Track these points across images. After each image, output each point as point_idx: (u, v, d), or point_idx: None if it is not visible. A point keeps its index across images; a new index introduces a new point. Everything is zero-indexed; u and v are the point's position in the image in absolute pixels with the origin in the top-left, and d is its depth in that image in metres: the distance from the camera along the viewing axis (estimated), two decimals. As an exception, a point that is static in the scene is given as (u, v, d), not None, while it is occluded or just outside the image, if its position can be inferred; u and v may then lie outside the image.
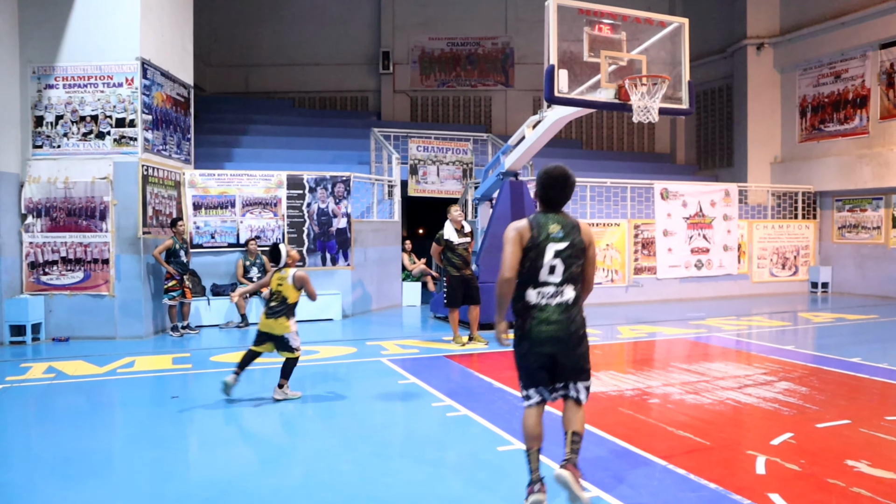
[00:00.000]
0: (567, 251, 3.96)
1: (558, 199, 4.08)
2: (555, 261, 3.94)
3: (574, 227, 4.02)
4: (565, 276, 3.96)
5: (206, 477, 4.87)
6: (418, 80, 22.19)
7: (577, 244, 3.97)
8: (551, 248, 3.94)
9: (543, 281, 3.96)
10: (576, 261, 3.97)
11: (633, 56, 9.15)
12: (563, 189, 4.06)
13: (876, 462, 4.89)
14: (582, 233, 4.00)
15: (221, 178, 12.16)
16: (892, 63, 15.80)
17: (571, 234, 3.98)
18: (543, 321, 3.94)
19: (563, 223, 4.00)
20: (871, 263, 16.46)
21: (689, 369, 8.15)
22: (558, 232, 3.96)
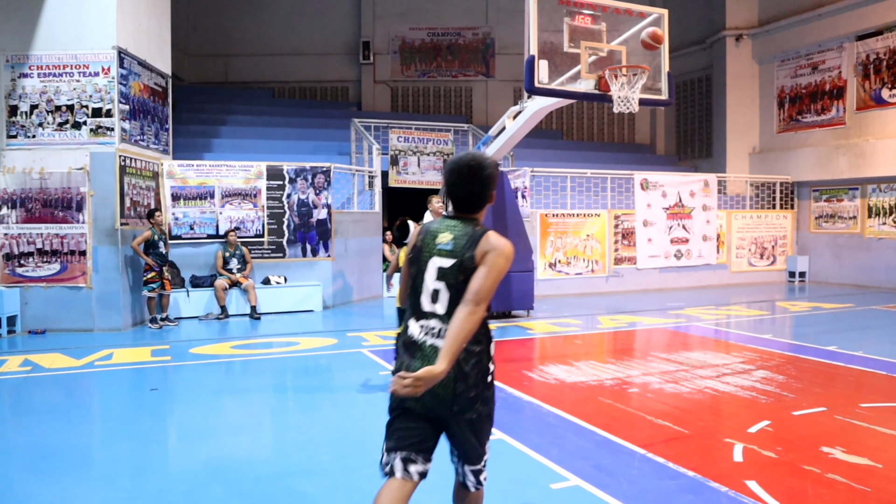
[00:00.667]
0: (452, 271, 2.81)
1: (462, 196, 2.94)
2: (438, 283, 2.83)
3: (471, 239, 2.82)
4: (451, 306, 2.79)
5: (185, 469, 4.85)
6: (399, 70, 22.11)
7: (466, 263, 2.79)
8: (434, 264, 2.86)
9: (427, 311, 2.86)
10: (466, 287, 2.76)
11: (613, 47, 9.17)
12: (468, 184, 2.92)
13: (850, 448, 4.96)
14: (478, 249, 2.79)
15: (200, 168, 12.05)
16: (867, 55, 15.95)
17: (464, 248, 2.81)
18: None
19: (458, 232, 2.87)
20: (848, 253, 16.66)
21: (668, 358, 8.21)
22: (447, 243, 2.85)
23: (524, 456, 4.91)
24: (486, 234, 2.83)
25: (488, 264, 2.76)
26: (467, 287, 2.76)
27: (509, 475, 4.58)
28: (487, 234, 2.84)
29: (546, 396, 6.53)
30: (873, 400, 6.30)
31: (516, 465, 4.74)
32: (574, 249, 14.60)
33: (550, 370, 7.65)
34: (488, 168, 2.94)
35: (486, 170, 2.93)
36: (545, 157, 17.75)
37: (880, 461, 4.72)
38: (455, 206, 2.97)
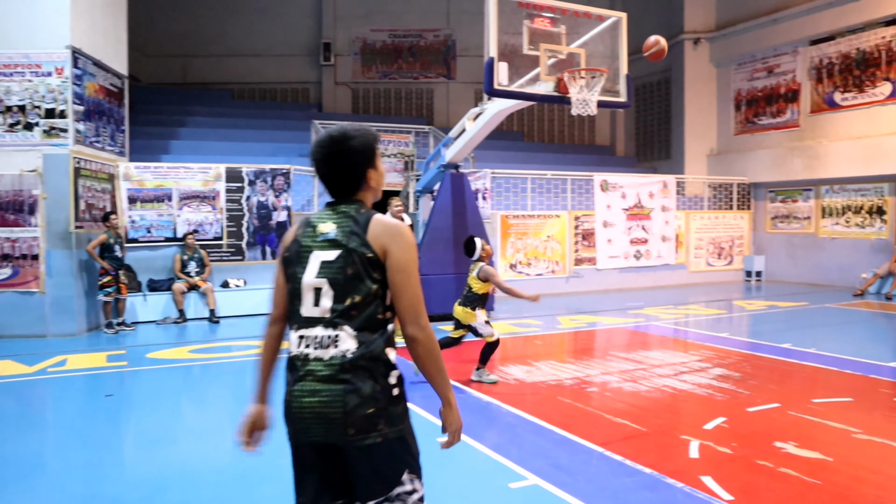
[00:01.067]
0: (338, 265, 2.34)
1: (329, 176, 2.47)
2: (320, 280, 2.35)
3: (357, 223, 2.38)
4: (338, 308, 2.32)
5: (141, 477, 4.76)
6: (360, 71, 22.03)
7: (355, 253, 2.33)
8: (315, 259, 2.39)
9: (307, 316, 2.37)
10: (356, 284, 2.32)
11: (573, 49, 9.25)
12: (334, 160, 2.44)
13: (803, 443, 5.06)
14: (370, 235, 2.35)
15: (158, 170, 11.88)
16: (821, 59, 16.31)
17: (350, 237, 2.35)
18: (305, 392, 2.33)
19: (341, 220, 2.41)
20: (802, 252, 17.00)
21: (627, 358, 8.29)
22: (329, 232, 2.39)
23: (483, 456, 4.92)
24: (375, 218, 2.40)
25: (402, 263, 2.35)
26: (358, 288, 2.31)
27: (468, 475, 4.58)
28: (376, 217, 2.40)
29: (506, 397, 6.55)
30: (825, 395, 6.44)
31: (475, 466, 4.75)
32: (534, 250, 14.68)
33: (510, 370, 7.67)
34: (355, 138, 2.45)
35: (351, 140, 2.44)
36: (506, 158, 17.82)
37: (831, 455, 4.82)
38: (328, 190, 2.51)
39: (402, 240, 2.38)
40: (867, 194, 15.59)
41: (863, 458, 4.76)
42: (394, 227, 2.40)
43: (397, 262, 2.35)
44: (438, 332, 9.81)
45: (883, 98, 14.97)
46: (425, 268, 10.77)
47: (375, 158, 2.54)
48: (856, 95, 15.54)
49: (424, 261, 10.84)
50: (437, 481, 4.48)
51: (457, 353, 8.85)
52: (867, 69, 15.28)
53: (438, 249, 10.97)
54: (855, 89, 15.56)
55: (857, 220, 15.81)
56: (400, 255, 2.36)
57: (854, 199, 15.88)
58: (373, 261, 2.33)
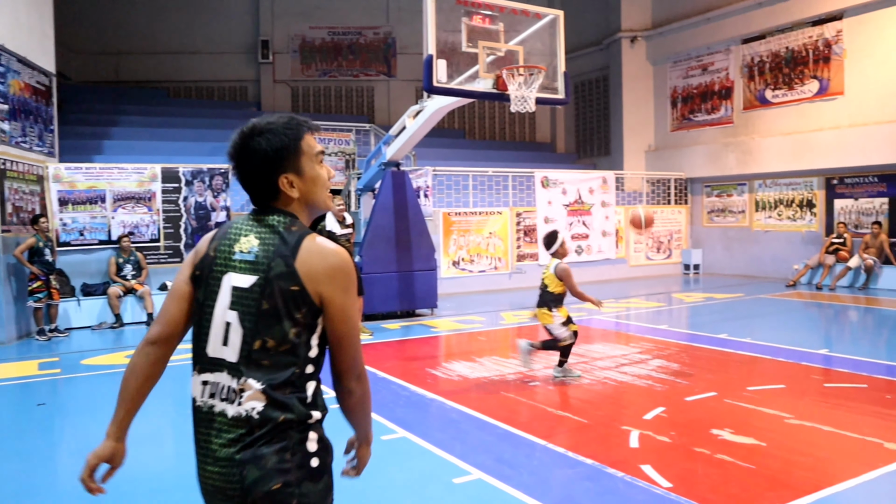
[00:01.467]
0: (252, 296, 1.87)
1: (244, 179, 2.01)
2: (230, 314, 1.89)
3: (286, 246, 1.89)
4: (246, 353, 1.87)
5: (75, 487, 4.61)
6: (299, 69, 21.79)
7: (276, 284, 1.85)
8: (228, 283, 1.91)
9: (213, 357, 1.92)
10: (271, 324, 1.85)
11: (511, 47, 9.29)
12: (246, 159, 1.97)
13: (738, 429, 5.19)
14: (299, 262, 1.86)
15: (90, 171, 11.53)
16: (752, 57, 16.76)
17: (275, 260, 1.87)
18: (207, 458, 1.90)
19: (265, 236, 1.93)
20: (738, 245, 17.46)
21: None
22: (249, 251, 1.92)
23: (427, 452, 4.91)
24: (308, 241, 1.89)
25: (346, 310, 1.89)
26: (276, 327, 1.84)
27: (412, 472, 4.57)
28: (308, 239, 1.90)
29: (449, 393, 6.55)
30: (760, 383, 6.61)
31: (419, 462, 4.73)
32: (477, 247, 14.74)
33: (454, 367, 7.68)
34: (262, 135, 1.94)
35: (256, 138, 1.94)
36: (447, 156, 17.85)
37: (764, 440, 4.95)
38: (251, 198, 2.03)
39: (345, 277, 1.89)
40: (798, 188, 16.09)
41: (794, 443, 4.90)
42: (332, 256, 1.88)
43: (341, 308, 1.89)
44: (381, 333, 9.80)
45: (811, 95, 15.46)
46: (368, 266, 10.70)
47: (296, 161, 1.97)
48: (786, 93, 16.02)
49: (367, 259, 10.78)
50: (381, 479, 4.46)
51: (399, 350, 8.83)
52: (796, 67, 15.76)
53: (380, 247, 10.91)
54: (785, 87, 16.04)
55: (789, 213, 16.30)
56: (343, 298, 1.89)
57: (785, 192, 16.37)
58: (298, 297, 1.84)
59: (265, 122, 1.98)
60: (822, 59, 15.21)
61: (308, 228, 1.98)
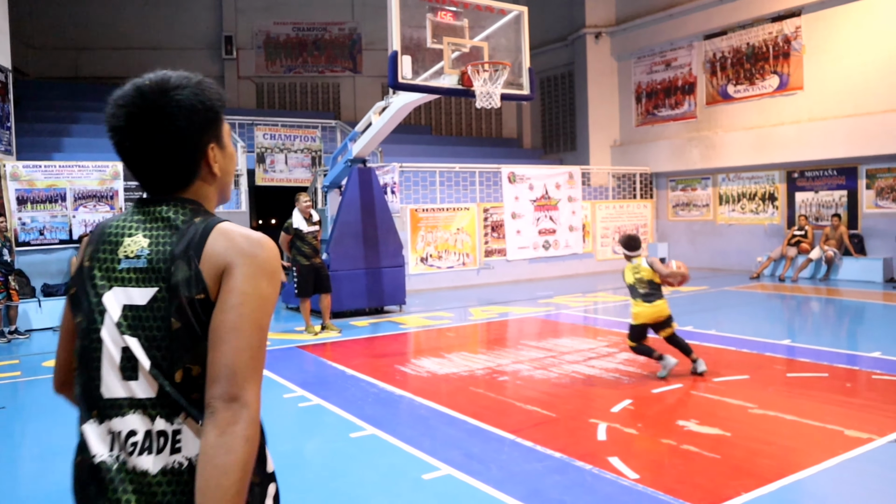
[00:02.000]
0: (156, 314, 1.45)
1: (141, 159, 1.53)
2: (129, 339, 1.45)
3: (185, 241, 1.46)
4: (166, 385, 1.44)
5: (37, 492, 4.53)
6: (264, 66, 21.59)
7: (180, 290, 1.43)
8: (115, 300, 1.48)
9: (112, 399, 1.47)
10: (190, 345, 1.44)
11: (476, 43, 9.28)
12: (146, 130, 1.50)
13: (703, 420, 5.26)
14: (206, 258, 1.44)
15: (49, 169, 11.31)
16: (714, 53, 16.97)
17: (175, 263, 1.45)
18: None
19: (157, 232, 1.50)
20: (702, 238, 17.69)
21: (538, 346, 8.42)
22: (137, 254, 1.49)
23: (396, 449, 4.90)
24: (219, 229, 1.46)
25: (240, 297, 1.40)
26: (197, 349, 1.41)
27: (381, 468, 4.56)
28: (219, 227, 1.46)
29: (418, 390, 6.54)
30: (724, 374, 6.71)
31: (388, 458, 4.72)
32: (445, 243, 14.75)
33: (423, 363, 7.67)
34: (182, 89, 1.49)
35: (174, 93, 1.48)
36: (414, 152, 17.82)
37: (729, 430, 5.02)
38: (138, 180, 1.56)
39: (254, 262, 1.43)
40: (760, 182, 16.34)
41: (758, 432, 4.98)
42: (250, 243, 1.45)
43: (238, 292, 1.40)
44: (349, 330, 9.77)
45: (772, 90, 15.70)
46: (335, 263, 10.65)
47: (219, 127, 1.57)
48: (747, 88, 16.24)
49: (334, 256, 10.72)
50: (351, 476, 4.44)
51: (367, 347, 8.80)
52: (757, 63, 15.99)
53: (348, 244, 10.86)
54: (746, 82, 16.26)
55: (752, 206, 16.55)
56: (241, 282, 1.41)
57: (748, 186, 16.62)
58: (204, 305, 1.41)
59: (179, 75, 1.51)
60: (781, 54, 15.45)
61: (217, 217, 1.50)
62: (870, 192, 14.28)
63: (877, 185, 14.15)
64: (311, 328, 9.55)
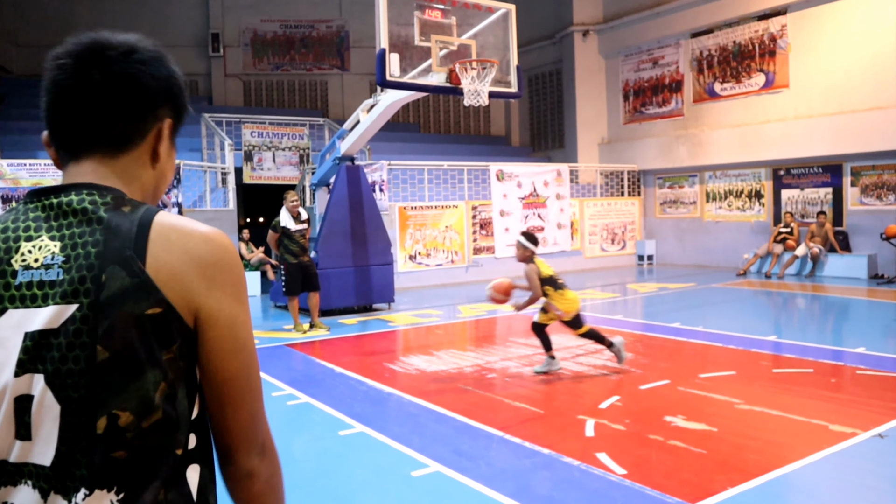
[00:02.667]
0: (76, 340, 1.03)
1: (79, 124, 1.18)
2: (29, 379, 1.04)
3: (124, 238, 1.07)
4: (77, 443, 1.03)
5: None
6: (251, 63, 21.51)
7: (120, 305, 1.04)
8: (15, 327, 1.05)
9: (16, 463, 1.04)
10: (124, 380, 1.04)
11: (464, 41, 9.29)
12: (98, 90, 1.16)
13: (690, 416, 5.30)
14: (152, 260, 1.07)
15: (34, 168, 11.24)
16: (701, 51, 17.05)
17: (105, 267, 1.05)
18: None
19: (75, 230, 1.09)
20: (690, 236, 17.78)
21: (526, 343, 8.44)
22: (48, 264, 1.07)
23: (385, 446, 4.91)
24: (160, 221, 1.12)
25: (239, 329, 1.15)
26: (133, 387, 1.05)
27: (370, 466, 4.56)
28: (161, 219, 1.12)
29: (407, 387, 6.55)
30: (711, 370, 6.75)
31: (377, 456, 4.73)
32: (433, 241, 14.76)
33: (412, 361, 7.69)
34: (146, 52, 1.23)
35: (138, 54, 1.21)
36: (402, 150, 17.81)
37: (716, 425, 5.06)
38: (60, 148, 1.22)
39: (230, 273, 1.15)
40: (746, 179, 16.43)
41: (744, 427, 5.02)
42: (203, 240, 1.13)
43: (230, 327, 1.13)
44: (338, 328, 9.77)
45: (758, 88, 15.79)
46: (324, 261, 10.64)
47: (178, 114, 1.29)
48: (734, 86, 16.33)
49: (323, 254, 10.71)
50: (340, 473, 4.45)
51: (356, 344, 8.80)
52: (743, 61, 16.08)
53: (336, 242, 10.86)
54: (732, 80, 16.35)
55: (739, 203, 16.65)
56: (232, 309, 1.14)
57: (735, 184, 16.71)
58: (162, 322, 1.06)
59: (138, 41, 1.23)
60: (767, 52, 15.54)
61: (148, 205, 1.15)
62: (854, 190, 14.39)
63: (861, 183, 14.27)
64: (299, 326, 9.54)
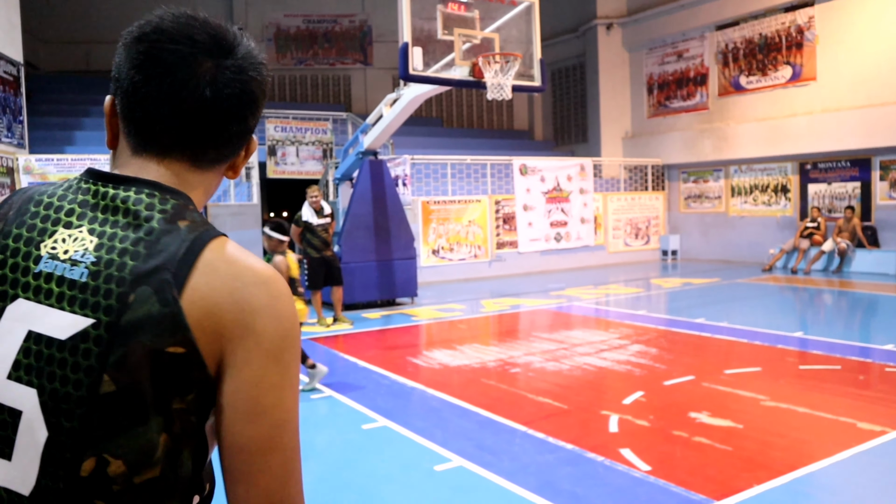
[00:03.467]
0: (83, 361, 0.88)
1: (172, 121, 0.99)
2: (18, 392, 0.90)
3: (168, 257, 0.91)
4: (61, 479, 0.87)
5: None
6: (274, 58, 21.59)
7: (140, 333, 0.88)
8: (18, 319, 0.91)
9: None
10: (125, 421, 0.87)
11: (487, 34, 9.27)
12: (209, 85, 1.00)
13: (715, 412, 5.25)
14: (191, 290, 0.90)
15: (62, 163, 11.38)
16: (726, 44, 16.86)
17: (136, 283, 0.89)
18: None
19: (119, 232, 0.93)
20: (714, 231, 17.61)
21: (549, 338, 8.43)
22: (77, 259, 0.91)
23: (408, 440, 4.92)
24: (216, 248, 0.96)
25: (257, 369, 0.93)
26: (133, 433, 0.88)
27: (393, 460, 4.58)
28: (218, 245, 0.96)
29: (430, 381, 6.56)
30: (736, 366, 6.69)
31: (400, 450, 4.74)
32: (456, 235, 14.75)
33: (435, 355, 7.69)
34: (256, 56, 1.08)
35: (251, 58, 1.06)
36: (425, 144, 17.81)
37: (741, 422, 5.01)
38: (133, 137, 1.03)
39: (279, 324, 0.95)
40: (772, 173, 16.24)
41: (770, 424, 4.97)
42: (257, 282, 0.96)
43: (254, 385, 0.93)
44: (361, 322, 9.80)
45: (784, 81, 15.59)
46: (347, 256, 10.68)
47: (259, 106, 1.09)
48: (759, 79, 16.14)
49: (346, 248, 10.75)
50: (363, 467, 4.47)
51: (379, 339, 8.83)
52: (769, 53, 15.88)
53: (360, 237, 10.89)
54: (759, 73, 16.16)
55: (764, 198, 16.46)
56: (265, 367, 0.94)
57: (760, 178, 16.53)
58: (182, 366, 0.90)
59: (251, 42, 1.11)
60: (794, 45, 15.34)
61: (210, 224, 0.99)
62: (883, 184, 14.17)
63: (891, 177, 14.04)
64: (322, 320, 9.59)
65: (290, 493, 0.95)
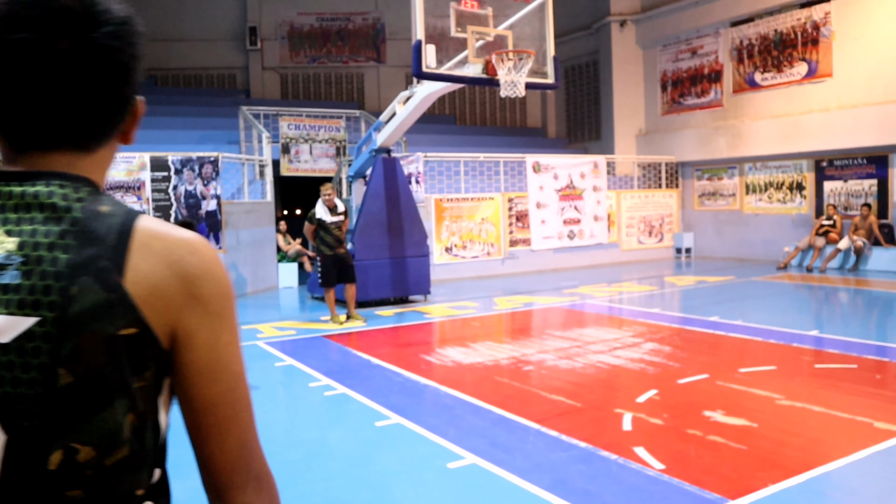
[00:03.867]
0: (33, 361, 0.87)
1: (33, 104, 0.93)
2: None
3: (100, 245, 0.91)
4: (26, 479, 0.88)
5: None
6: (288, 56, 21.64)
7: (90, 322, 0.88)
8: None
9: None
10: (88, 410, 0.89)
11: (500, 31, 9.25)
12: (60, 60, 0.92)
13: (729, 411, 5.23)
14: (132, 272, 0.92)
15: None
16: (741, 40, 16.75)
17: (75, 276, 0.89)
18: None
19: (39, 228, 0.91)
20: (729, 228, 17.52)
21: (562, 336, 8.41)
22: (2, 262, 0.89)
23: (421, 438, 4.93)
24: (143, 228, 0.96)
25: (208, 332, 0.99)
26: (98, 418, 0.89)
27: (406, 457, 4.59)
28: (142, 224, 0.97)
29: (443, 379, 6.57)
30: (751, 365, 6.66)
31: (413, 447, 4.75)
32: (469, 233, 14.75)
33: (448, 353, 7.70)
34: (114, 14, 1.02)
35: (105, 16, 1.00)
36: (438, 142, 17.81)
37: (756, 421, 4.99)
38: (18, 140, 0.97)
39: (217, 289, 1.00)
40: (787, 171, 16.13)
41: (785, 423, 4.94)
42: (190, 251, 0.99)
43: (210, 348, 0.99)
44: (374, 320, 9.82)
45: (800, 78, 15.47)
46: (360, 253, 10.70)
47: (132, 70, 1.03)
48: (775, 75, 16.02)
49: (359, 246, 10.78)
50: (376, 464, 4.48)
51: (393, 336, 8.85)
52: (784, 50, 15.76)
53: (373, 234, 10.91)
54: (774, 69, 16.04)
55: (779, 196, 16.35)
56: (214, 330, 1.00)
57: (775, 175, 16.41)
58: (136, 345, 0.92)
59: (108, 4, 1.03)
60: (810, 41, 15.21)
61: (125, 204, 1.00)
62: (901, 181, 14.05)
63: (908, 174, 13.92)
64: (336, 318, 9.61)
65: (254, 435, 1.07)
